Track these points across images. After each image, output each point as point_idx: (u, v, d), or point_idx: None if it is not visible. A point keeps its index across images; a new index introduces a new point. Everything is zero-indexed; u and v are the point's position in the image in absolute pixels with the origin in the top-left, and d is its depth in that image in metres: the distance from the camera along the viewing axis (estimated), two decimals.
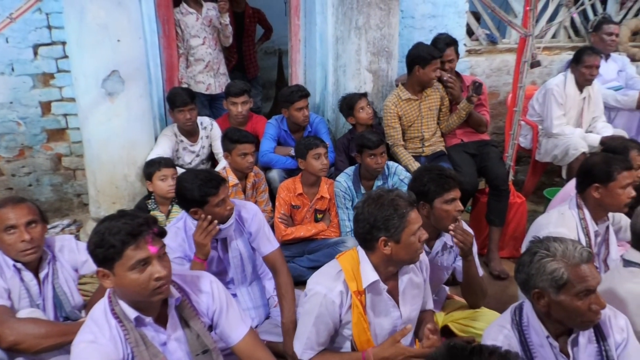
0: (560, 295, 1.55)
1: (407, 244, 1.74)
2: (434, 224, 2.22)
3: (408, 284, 1.91)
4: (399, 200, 1.75)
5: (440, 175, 2.18)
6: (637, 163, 2.72)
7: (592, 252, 1.58)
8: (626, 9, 5.08)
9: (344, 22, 3.52)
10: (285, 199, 3.06)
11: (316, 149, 2.92)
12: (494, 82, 4.58)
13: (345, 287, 1.78)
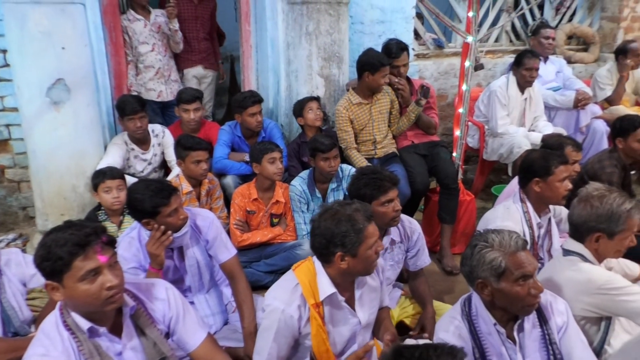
0: (501, 283, 1.64)
1: (364, 258, 1.75)
2: (376, 223, 2.28)
3: (365, 289, 1.93)
4: (357, 215, 1.75)
5: (375, 179, 2.24)
6: (572, 158, 2.90)
7: (526, 240, 1.66)
8: (561, 14, 5.37)
9: (294, 28, 3.57)
10: (240, 205, 3.06)
11: (271, 153, 2.94)
12: (442, 85, 4.73)
13: (302, 300, 1.79)
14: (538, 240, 2.55)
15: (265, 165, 2.94)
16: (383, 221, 2.28)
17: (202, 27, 4.25)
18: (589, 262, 2.00)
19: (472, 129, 4.38)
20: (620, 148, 3.28)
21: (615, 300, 1.89)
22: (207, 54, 4.34)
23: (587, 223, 1.98)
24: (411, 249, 2.48)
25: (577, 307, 1.96)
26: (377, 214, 2.24)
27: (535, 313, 1.77)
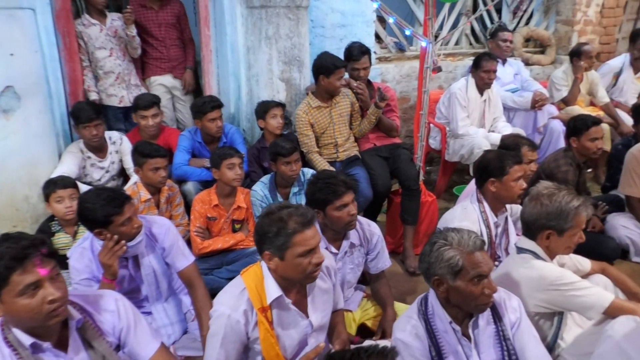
0: (457, 281, 1.66)
1: (293, 264, 1.72)
2: (331, 227, 2.30)
3: (317, 291, 1.92)
4: (291, 218, 1.71)
5: (329, 183, 2.23)
6: (528, 158, 2.96)
7: (484, 240, 1.69)
8: (518, 17, 5.51)
9: (254, 32, 3.55)
10: (201, 212, 3.02)
11: (230, 159, 2.91)
12: (404, 87, 4.78)
13: (249, 305, 1.76)
14: (495, 239, 2.60)
15: (224, 171, 2.91)
16: (339, 225, 2.28)
17: (168, 34, 3.99)
18: (541, 259, 2.05)
19: (434, 131, 4.44)
20: (574, 147, 3.38)
21: (566, 295, 1.94)
22: (179, 62, 4.08)
23: (538, 221, 2.03)
24: (371, 252, 2.49)
25: (530, 304, 2.00)
26: (333, 218, 2.26)
27: (489, 310, 1.80)
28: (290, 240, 1.70)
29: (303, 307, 1.88)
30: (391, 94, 3.69)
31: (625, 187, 3.42)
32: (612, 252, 3.32)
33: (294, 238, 1.69)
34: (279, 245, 1.71)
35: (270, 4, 3.41)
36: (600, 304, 1.91)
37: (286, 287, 1.81)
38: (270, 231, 1.71)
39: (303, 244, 1.70)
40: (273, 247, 1.72)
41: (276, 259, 1.74)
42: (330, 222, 2.28)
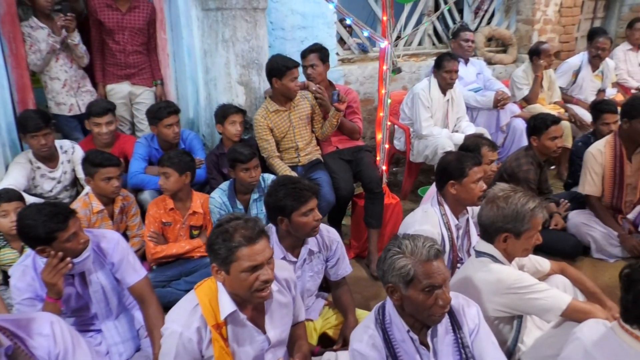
0: (409, 290, 1.62)
1: (238, 279, 1.65)
2: (295, 234, 2.24)
3: (275, 306, 1.85)
4: (237, 232, 1.65)
5: (294, 189, 2.18)
6: (488, 158, 2.96)
7: (440, 250, 1.64)
8: (479, 17, 5.55)
9: (210, 35, 3.46)
10: (155, 216, 2.92)
11: (162, 169, 2.82)
12: (368, 89, 4.75)
13: (202, 321, 1.69)
14: (457, 241, 2.57)
15: (160, 177, 2.82)
16: (304, 231, 2.23)
17: (132, 39, 3.69)
18: (499, 262, 2.02)
19: (398, 132, 4.42)
20: (535, 146, 3.40)
21: (524, 298, 1.92)
22: (139, 69, 3.79)
23: (495, 224, 2.00)
24: (331, 259, 2.43)
25: (490, 308, 1.98)
26: (299, 224, 2.19)
27: (448, 317, 1.77)
28: (234, 254, 1.63)
29: (260, 322, 1.81)
30: (353, 96, 3.65)
31: (585, 186, 3.46)
32: (574, 250, 3.36)
33: (237, 252, 1.63)
34: (223, 259, 1.64)
35: (226, 6, 3.33)
36: (557, 306, 1.90)
37: (241, 302, 1.74)
38: (215, 243, 1.65)
39: (248, 259, 1.64)
40: (218, 260, 1.66)
41: (223, 273, 1.67)
42: (295, 228, 2.21)
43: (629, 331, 1.53)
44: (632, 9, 5.93)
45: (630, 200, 3.39)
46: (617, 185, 3.36)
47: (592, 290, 2.25)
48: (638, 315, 1.50)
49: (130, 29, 3.68)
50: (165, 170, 2.81)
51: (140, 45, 3.76)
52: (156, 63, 3.88)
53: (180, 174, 2.84)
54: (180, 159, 2.85)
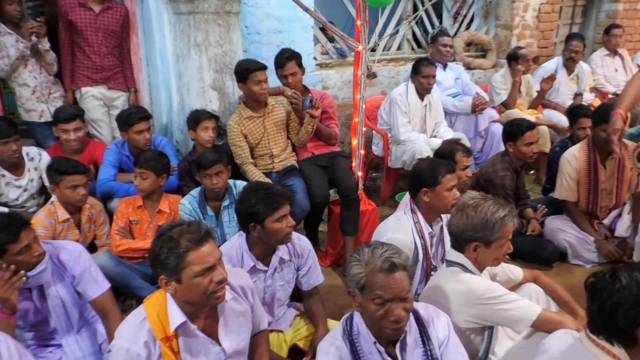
0: (363, 298, 1.61)
1: (191, 286, 1.60)
2: (267, 241, 2.19)
3: (230, 314, 1.80)
4: (182, 237, 1.60)
5: (268, 195, 2.14)
6: (463, 164, 2.93)
7: (396, 264, 1.57)
8: (458, 22, 5.55)
9: (182, 40, 3.39)
10: (123, 212, 2.91)
11: (139, 170, 2.84)
12: (346, 94, 4.71)
13: (150, 336, 1.63)
14: (431, 249, 2.53)
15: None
16: (277, 238, 2.17)
17: (106, 40, 3.59)
18: (469, 272, 1.99)
19: (376, 137, 4.39)
20: (511, 152, 3.39)
21: (494, 309, 1.89)
22: (114, 73, 3.71)
23: (465, 233, 1.97)
24: (302, 267, 2.38)
25: (460, 319, 1.94)
26: (272, 231, 2.14)
27: (417, 329, 1.73)
28: (183, 260, 1.58)
29: (214, 332, 1.76)
30: (329, 101, 3.60)
31: (561, 191, 3.45)
32: (551, 255, 3.35)
33: (187, 257, 1.58)
34: (172, 268, 1.59)
35: (198, 10, 3.26)
36: (528, 317, 1.86)
37: (192, 312, 1.69)
38: (161, 253, 1.59)
39: (199, 262, 1.59)
40: (167, 271, 1.60)
41: (173, 283, 1.62)
42: (267, 235, 2.16)
43: (595, 342, 1.49)
44: (608, 15, 5.98)
45: (605, 205, 3.39)
46: (592, 190, 3.36)
47: (565, 299, 2.22)
48: (603, 324, 1.46)
49: (104, 30, 3.58)
50: (142, 171, 2.82)
51: (114, 47, 3.68)
52: (129, 68, 3.80)
53: (157, 176, 2.86)
54: (158, 160, 2.87)
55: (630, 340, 1.41)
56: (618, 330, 1.42)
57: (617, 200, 3.37)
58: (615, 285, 1.42)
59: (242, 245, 2.23)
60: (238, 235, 2.29)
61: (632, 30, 5.95)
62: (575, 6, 6.02)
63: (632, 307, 1.38)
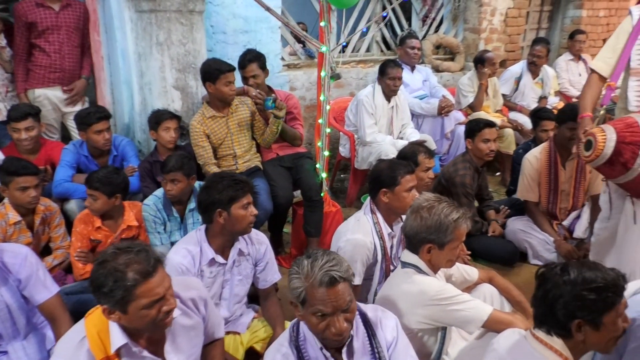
0: (304, 311, 1.58)
1: (138, 317, 1.51)
2: (231, 230, 2.18)
3: (178, 330, 1.73)
4: (129, 267, 1.48)
5: (235, 181, 2.16)
6: (425, 165, 2.95)
7: (336, 277, 1.53)
8: (427, 25, 5.60)
9: (144, 38, 3.33)
10: (83, 233, 2.75)
11: (89, 190, 2.66)
12: (314, 95, 4.69)
13: (89, 356, 1.55)
14: (391, 250, 2.53)
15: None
16: (241, 226, 2.18)
17: (68, 39, 3.46)
18: (423, 273, 1.99)
19: (343, 138, 4.39)
20: (470, 149, 3.43)
21: (446, 310, 1.89)
22: (72, 74, 3.56)
23: (419, 234, 1.97)
24: (260, 262, 2.36)
25: (413, 320, 1.94)
26: (237, 217, 2.14)
27: (365, 332, 1.71)
28: (131, 294, 1.47)
29: (161, 349, 1.68)
30: (293, 102, 3.58)
31: (523, 192, 3.50)
32: (511, 256, 3.39)
33: (135, 291, 1.48)
34: (117, 300, 1.48)
35: (160, 8, 3.21)
36: (479, 317, 1.88)
37: (135, 334, 1.60)
38: (105, 285, 1.47)
39: (147, 295, 1.49)
40: (111, 302, 1.49)
41: (118, 313, 1.51)
42: (232, 222, 2.15)
43: (539, 339, 1.53)
44: (573, 21, 6.12)
45: (564, 207, 3.45)
46: (552, 191, 3.42)
47: (518, 299, 2.25)
48: (543, 313, 1.51)
49: (67, 28, 3.48)
50: (92, 192, 2.63)
51: (76, 47, 3.56)
52: (87, 63, 3.67)
53: (109, 197, 2.67)
54: (110, 180, 2.65)
55: (565, 332, 1.47)
56: (556, 321, 1.48)
57: (575, 202, 3.44)
58: (563, 278, 1.47)
59: (201, 238, 2.22)
60: (196, 229, 2.28)
61: (595, 36, 6.09)
62: (541, 11, 6.15)
63: (572, 300, 1.44)
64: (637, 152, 2.20)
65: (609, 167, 2.30)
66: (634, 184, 2.30)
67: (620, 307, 1.47)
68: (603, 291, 1.43)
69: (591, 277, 1.45)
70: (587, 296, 1.42)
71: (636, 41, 2.50)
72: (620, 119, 2.37)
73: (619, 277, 1.47)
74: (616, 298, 1.45)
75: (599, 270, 1.47)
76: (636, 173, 2.23)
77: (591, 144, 2.30)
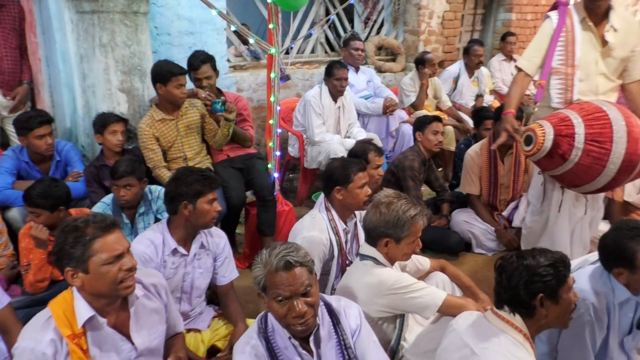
0: (267, 298, 1.65)
1: (99, 274, 1.59)
2: (194, 223, 2.23)
3: (141, 311, 1.78)
4: (88, 225, 1.60)
5: (204, 176, 2.23)
6: (375, 162, 3.06)
7: (292, 261, 1.61)
8: (369, 27, 5.76)
9: (86, 40, 3.23)
10: (29, 248, 2.63)
11: (29, 208, 2.54)
12: (262, 96, 4.72)
13: (57, 333, 1.59)
14: (346, 245, 2.61)
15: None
16: (205, 220, 2.24)
17: (5, 41, 3.32)
18: (381, 264, 2.08)
19: (292, 139, 4.44)
20: (419, 141, 3.62)
21: (404, 298, 1.99)
22: (12, 78, 3.39)
23: (377, 229, 2.06)
24: (219, 257, 2.39)
25: (373, 309, 2.02)
26: (202, 211, 2.20)
27: (330, 321, 1.78)
28: (90, 248, 1.58)
29: (125, 328, 1.73)
30: (243, 104, 3.60)
31: (465, 185, 3.70)
32: (456, 246, 3.58)
33: (94, 245, 1.58)
34: (78, 257, 1.57)
35: (103, 9, 3.13)
36: (434, 303, 1.99)
37: (102, 307, 1.66)
38: (66, 243, 1.58)
39: (107, 249, 1.59)
40: (73, 261, 1.58)
41: (80, 274, 1.59)
42: (197, 216, 2.21)
43: (500, 316, 1.68)
44: (504, 24, 6.48)
45: (504, 198, 3.68)
46: (492, 184, 3.64)
47: (468, 285, 2.39)
48: (508, 297, 1.67)
49: (2, 29, 3.32)
50: (33, 210, 2.51)
51: (14, 49, 3.39)
52: (27, 67, 3.51)
53: (52, 211, 2.54)
54: (49, 193, 2.50)
55: (529, 309, 1.65)
56: (520, 302, 1.65)
57: (514, 194, 3.67)
58: (520, 262, 1.67)
59: (164, 229, 2.26)
60: (159, 222, 2.34)
61: (524, 37, 6.48)
62: (475, 14, 6.47)
63: (532, 279, 1.62)
64: (573, 144, 2.39)
65: (548, 159, 2.48)
66: (569, 174, 2.49)
67: (570, 281, 1.67)
68: (556, 267, 1.64)
69: (543, 258, 1.65)
70: (544, 273, 1.62)
71: (558, 43, 2.71)
72: (552, 115, 2.57)
73: (564, 255, 1.69)
74: (567, 272, 1.66)
75: (548, 252, 1.69)
76: (572, 164, 2.42)
77: (531, 139, 2.48)
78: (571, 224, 2.81)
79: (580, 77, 2.68)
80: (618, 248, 1.90)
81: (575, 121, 2.42)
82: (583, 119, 2.42)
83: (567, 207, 2.77)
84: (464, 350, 1.70)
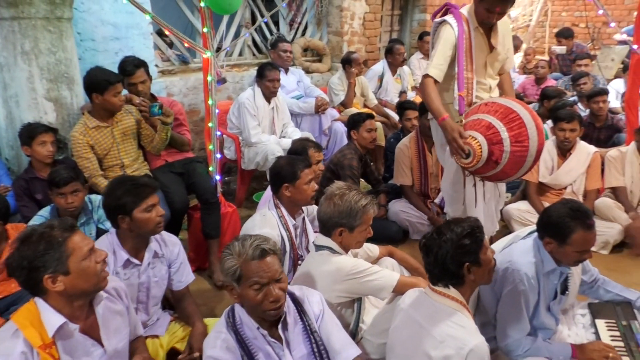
0: (241, 288, 1.70)
1: (80, 271, 1.62)
2: (139, 232, 2.19)
3: (107, 313, 1.78)
4: (52, 231, 1.61)
5: (134, 185, 2.16)
6: (315, 158, 3.15)
7: (265, 249, 1.69)
8: (294, 29, 5.87)
9: (6, 47, 3.06)
10: None
11: None
12: (193, 100, 4.68)
13: (27, 345, 1.56)
14: (296, 239, 2.69)
15: None
16: (148, 228, 2.18)
17: None
18: (337, 253, 2.18)
19: (227, 141, 4.45)
20: (355, 139, 3.78)
21: (361, 282, 2.11)
22: None
23: (332, 219, 2.16)
24: (174, 263, 2.38)
25: (332, 296, 2.12)
26: (141, 221, 2.15)
27: (295, 308, 1.86)
28: (65, 249, 1.60)
29: (95, 332, 1.74)
30: (178, 108, 3.57)
31: (398, 177, 3.91)
32: (396, 234, 3.78)
33: (68, 244, 1.61)
34: (57, 260, 1.58)
35: (24, 15, 2.98)
36: (389, 283, 2.12)
37: (73, 312, 1.66)
38: (38, 253, 1.57)
39: (80, 245, 1.63)
40: (51, 267, 1.58)
41: (60, 277, 1.59)
42: (138, 226, 2.16)
43: (437, 291, 1.82)
44: (419, 24, 6.85)
45: (434, 187, 3.93)
46: (423, 174, 3.88)
47: (415, 267, 2.56)
48: (439, 273, 1.82)
49: None
50: None
51: None
52: None
53: None
54: None
55: (459, 279, 1.80)
56: (450, 274, 1.80)
57: None
58: (442, 238, 1.80)
59: (113, 242, 2.21)
60: (107, 234, 2.27)
61: None
62: (392, 15, 6.79)
63: (455, 251, 1.77)
64: (503, 149, 2.55)
65: (484, 166, 2.62)
66: (499, 174, 2.66)
67: (486, 242, 1.85)
68: (473, 235, 1.80)
69: (460, 228, 1.80)
70: (465, 242, 1.78)
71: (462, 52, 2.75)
72: (474, 122, 2.64)
73: (476, 220, 1.87)
74: (482, 235, 1.83)
75: (462, 221, 1.85)
76: (502, 165, 2.59)
77: (469, 152, 2.59)
78: (486, 205, 3.04)
79: (477, 80, 2.87)
80: (558, 222, 2.05)
81: (499, 127, 2.54)
82: (503, 122, 2.55)
83: (481, 193, 2.98)
84: (414, 327, 1.84)
